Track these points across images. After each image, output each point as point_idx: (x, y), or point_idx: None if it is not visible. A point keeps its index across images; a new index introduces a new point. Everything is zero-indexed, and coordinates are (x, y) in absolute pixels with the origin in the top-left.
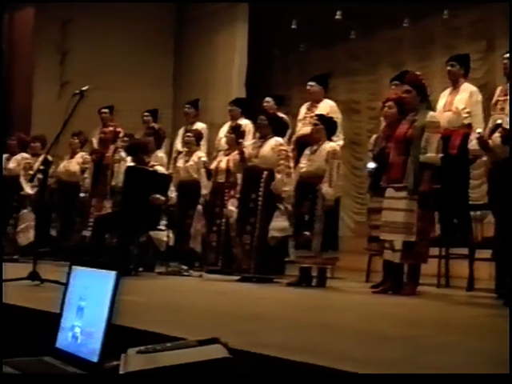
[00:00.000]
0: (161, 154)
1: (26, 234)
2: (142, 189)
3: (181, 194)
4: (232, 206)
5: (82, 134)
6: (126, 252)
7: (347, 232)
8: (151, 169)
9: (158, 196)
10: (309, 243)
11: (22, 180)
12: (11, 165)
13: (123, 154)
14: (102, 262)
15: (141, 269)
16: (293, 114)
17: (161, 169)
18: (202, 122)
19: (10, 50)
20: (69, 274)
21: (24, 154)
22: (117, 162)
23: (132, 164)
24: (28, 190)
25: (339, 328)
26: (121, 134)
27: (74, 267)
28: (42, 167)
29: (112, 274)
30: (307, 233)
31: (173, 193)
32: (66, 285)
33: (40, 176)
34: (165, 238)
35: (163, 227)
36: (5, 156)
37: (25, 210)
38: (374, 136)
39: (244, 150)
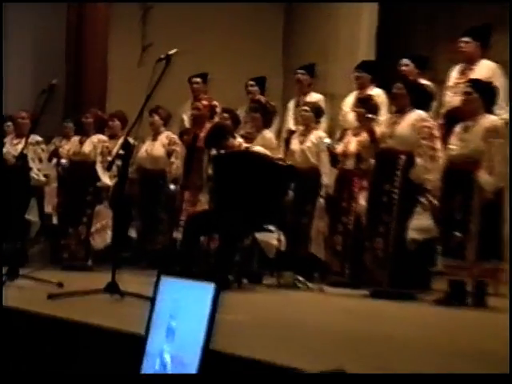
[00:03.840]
0: (269, 134)
1: (103, 235)
2: (239, 179)
3: (296, 184)
4: (365, 201)
5: (162, 108)
6: (228, 259)
7: None
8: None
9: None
10: (462, 249)
11: (99, 168)
12: (86, 148)
13: None
14: (197, 271)
15: (245, 280)
16: (439, 81)
17: (259, 149)
18: (319, 92)
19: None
20: (156, 286)
21: (101, 136)
22: None
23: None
24: (106, 180)
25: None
26: (218, 109)
27: (162, 278)
28: (121, 152)
29: (210, 286)
30: (459, 235)
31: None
32: (152, 300)
33: (119, 163)
34: (274, 242)
35: (272, 227)
36: (77, 138)
37: (101, 206)
38: None
39: (375, 128)
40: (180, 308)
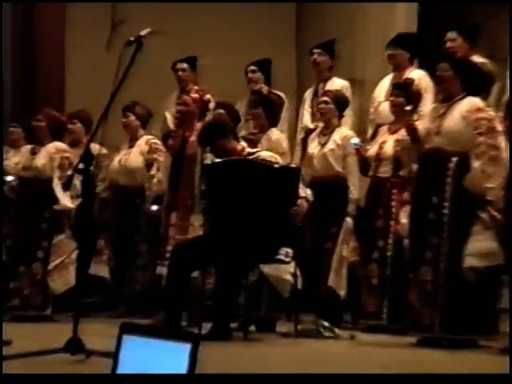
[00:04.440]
0: (276, 134)
1: (64, 274)
2: (240, 195)
3: (316, 198)
4: (406, 219)
5: (139, 106)
6: (229, 301)
7: None
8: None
9: (300, 204)
10: None
11: (57, 186)
12: (40, 160)
13: None
14: (189, 317)
15: (252, 327)
16: (502, 58)
17: (266, 155)
18: (344, 77)
19: None
20: (118, 349)
21: (59, 144)
22: (208, 151)
23: (211, 161)
24: (66, 201)
25: None
26: (211, 104)
27: (125, 337)
28: (81, 165)
29: (185, 347)
30: None
31: (306, 190)
32: (113, 367)
33: (80, 179)
34: (288, 277)
35: (286, 257)
36: (28, 148)
37: (61, 236)
38: None
39: (417, 122)
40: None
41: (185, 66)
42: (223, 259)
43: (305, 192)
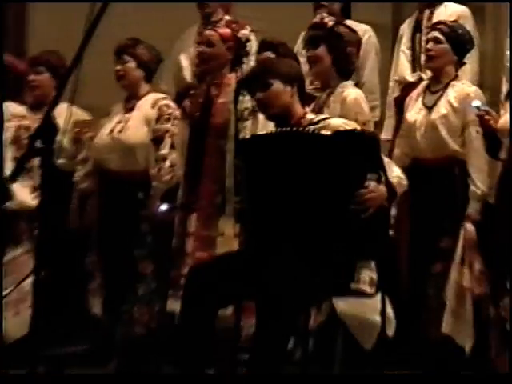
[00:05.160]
0: (353, 92)
1: (21, 310)
2: (295, 188)
3: (417, 191)
4: None
5: (142, 45)
6: (278, 354)
7: None
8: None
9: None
10: None
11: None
12: None
13: None
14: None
15: None
16: None
17: (338, 123)
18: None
19: None
20: None
21: (14, 106)
22: (246, 118)
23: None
24: (24, 196)
25: None
26: (252, 44)
27: None
28: (38, 144)
29: None
30: None
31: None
32: None
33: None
34: (375, 317)
35: (368, 287)
36: None
37: (17, 251)
38: None
39: None
40: None
41: None
42: (269, 288)
43: (392, 173)
